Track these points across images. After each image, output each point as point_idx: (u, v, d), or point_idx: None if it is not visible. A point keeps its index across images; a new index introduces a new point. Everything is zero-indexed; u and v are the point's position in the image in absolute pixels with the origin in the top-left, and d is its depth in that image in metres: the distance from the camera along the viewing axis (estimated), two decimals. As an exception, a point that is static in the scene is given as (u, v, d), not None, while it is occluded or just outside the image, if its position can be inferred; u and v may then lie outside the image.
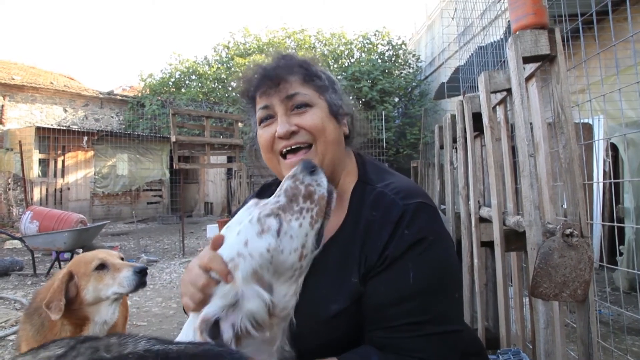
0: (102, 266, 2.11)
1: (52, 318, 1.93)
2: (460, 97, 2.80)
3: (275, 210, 0.98)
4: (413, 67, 16.98)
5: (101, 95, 16.89)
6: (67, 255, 6.82)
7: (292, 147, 1.10)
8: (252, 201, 1.04)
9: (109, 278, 2.09)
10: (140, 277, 2.11)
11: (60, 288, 1.98)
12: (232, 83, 17.12)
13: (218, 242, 0.96)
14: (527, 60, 1.57)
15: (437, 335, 0.97)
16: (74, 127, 14.65)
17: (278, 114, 1.11)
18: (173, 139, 8.61)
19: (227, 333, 0.85)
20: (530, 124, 1.66)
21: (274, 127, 1.11)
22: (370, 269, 1.01)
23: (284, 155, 1.12)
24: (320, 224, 1.01)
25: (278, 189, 1.05)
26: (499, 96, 2.19)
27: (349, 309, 1.01)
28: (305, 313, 1.03)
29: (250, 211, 1.00)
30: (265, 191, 1.33)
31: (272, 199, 1.02)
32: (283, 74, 1.11)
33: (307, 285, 1.07)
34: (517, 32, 1.53)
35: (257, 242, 0.94)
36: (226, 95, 17.13)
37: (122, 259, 2.25)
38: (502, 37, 5.06)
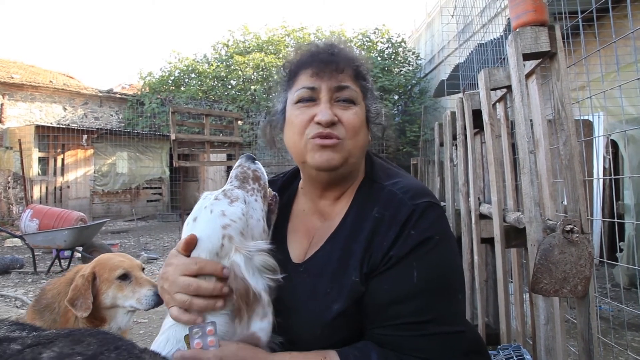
0: (125, 276, 2.10)
1: (78, 316, 1.95)
2: (460, 95, 2.80)
3: (236, 186, 1.10)
4: (413, 65, 16.95)
5: (100, 94, 16.85)
6: (67, 253, 6.82)
7: (325, 136, 1.05)
8: (205, 192, 1.09)
9: (129, 290, 2.08)
10: (160, 299, 2.09)
11: (87, 287, 2.00)
12: (232, 81, 17.11)
13: (192, 243, 0.99)
14: (527, 57, 1.57)
15: (439, 336, 0.96)
16: (74, 126, 14.61)
17: (322, 99, 1.07)
18: (173, 137, 8.61)
19: (265, 298, 0.95)
20: (530, 120, 1.67)
21: (313, 111, 1.07)
22: (373, 268, 1.00)
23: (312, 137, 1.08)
24: (267, 211, 1.12)
25: (229, 178, 1.13)
26: (499, 93, 2.19)
27: (350, 309, 1.00)
28: (308, 314, 1.02)
29: (210, 196, 1.07)
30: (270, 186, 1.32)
31: (226, 185, 1.11)
32: (341, 62, 1.08)
33: (308, 285, 1.06)
34: (517, 29, 1.53)
35: (233, 209, 1.02)
36: (226, 93, 17.11)
37: (143, 269, 2.24)
38: (501, 34, 5.06)
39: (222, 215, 1.00)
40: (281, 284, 0.99)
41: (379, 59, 16.12)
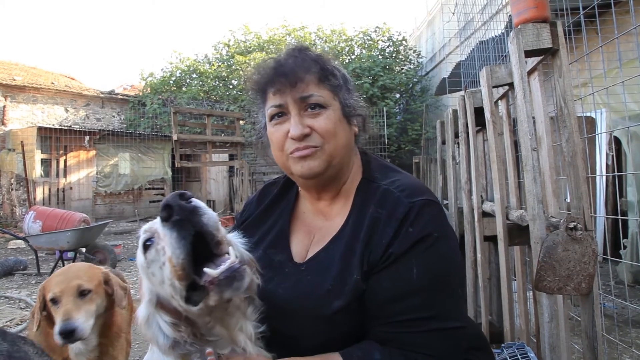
0: (54, 301, 1.90)
1: (32, 330, 1.91)
2: (462, 92, 2.80)
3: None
4: (414, 63, 16.92)
5: (102, 95, 16.88)
6: (70, 254, 6.83)
7: (301, 149, 1.08)
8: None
9: (57, 318, 1.86)
10: (62, 338, 1.79)
11: (38, 305, 1.93)
12: (233, 81, 17.11)
13: None
14: (529, 54, 1.57)
15: (440, 332, 0.97)
16: (76, 127, 14.65)
17: (291, 113, 1.09)
18: (175, 137, 8.61)
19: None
20: (533, 118, 1.66)
21: (287, 126, 1.09)
22: (373, 266, 1.01)
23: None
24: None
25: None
26: (501, 90, 2.18)
27: (351, 305, 1.01)
28: (309, 310, 1.03)
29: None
30: (266, 193, 1.33)
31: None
32: (299, 72, 1.08)
33: (309, 283, 1.07)
34: (519, 26, 1.52)
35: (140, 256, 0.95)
36: (227, 93, 17.11)
37: (84, 292, 1.93)
38: (503, 31, 5.04)
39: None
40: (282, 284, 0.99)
41: (380, 57, 16.09)
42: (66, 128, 14.13)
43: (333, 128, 1.08)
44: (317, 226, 1.19)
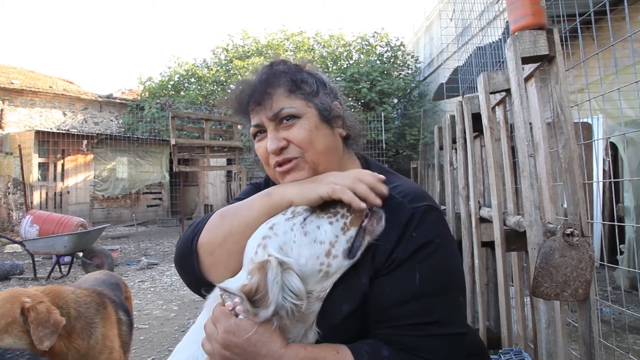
0: None
1: None
2: (460, 98, 2.81)
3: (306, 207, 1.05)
4: (412, 68, 16.96)
5: (100, 99, 16.87)
6: (67, 259, 6.81)
7: (281, 163, 1.12)
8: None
9: None
10: None
11: None
12: (232, 86, 17.10)
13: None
14: (526, 60, 1.58)
15: (442, 337, 0.98)
16: (74, 131, 14.63)
17: (268, 130, 1.12)
18: (173, 141, 8.61)
19: (271, 309, 0.89)
20: (530, 124, 1.67)
21: (267, 142, 1.12)
22: (378, 270, 1.02)
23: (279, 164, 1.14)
24: (354, 234, 1.02)
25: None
26: (498, 96, 2.19)
27: (358, 310, 1.02)
28: (318, 315, 1.03)
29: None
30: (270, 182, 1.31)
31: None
32: (267, 89, 1.12)
33: None
34: (516, 33, 1.53)
35: (283, 223, 1.01)
36: (225, 97, 17.10)
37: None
38: (500, 37, 5.07)
39: (270, 228, 1.01)
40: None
41: (378, 62, 16.11)
42: (64, 132, 14.11)
43: (308, 136, 1.10)
44: None
